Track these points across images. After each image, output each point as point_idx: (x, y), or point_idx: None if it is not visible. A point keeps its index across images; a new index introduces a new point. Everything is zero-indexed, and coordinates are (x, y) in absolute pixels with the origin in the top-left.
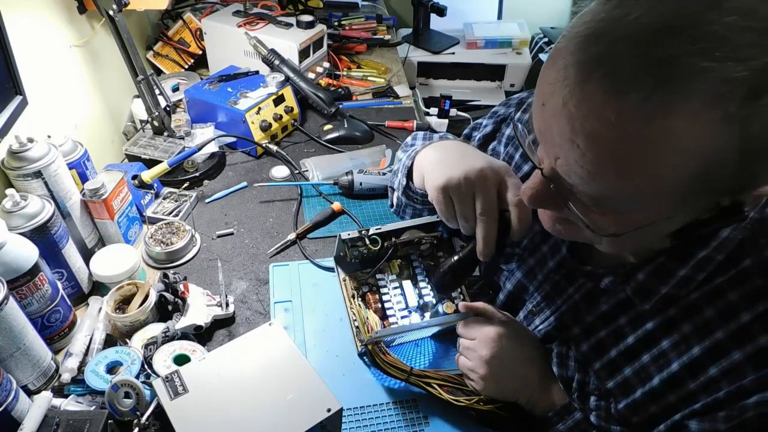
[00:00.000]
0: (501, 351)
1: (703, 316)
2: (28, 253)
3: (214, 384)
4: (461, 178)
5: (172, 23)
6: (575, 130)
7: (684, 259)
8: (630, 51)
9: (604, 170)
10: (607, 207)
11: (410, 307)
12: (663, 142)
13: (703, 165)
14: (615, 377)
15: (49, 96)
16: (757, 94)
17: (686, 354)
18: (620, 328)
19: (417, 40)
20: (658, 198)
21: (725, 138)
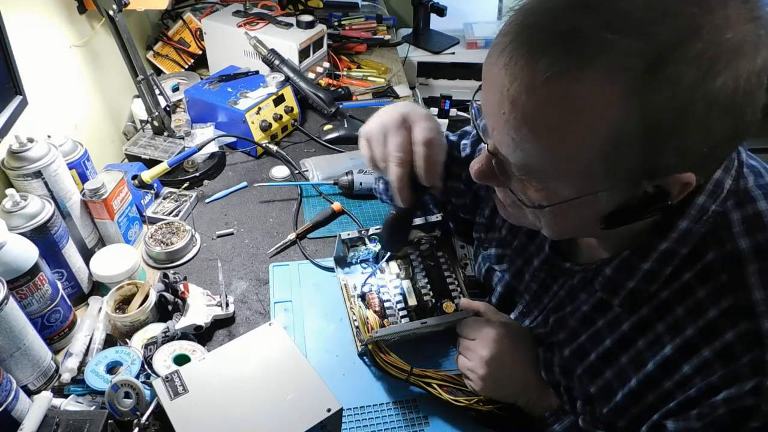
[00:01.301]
0: (500, 352)
1: (675, 314)
2: (28, 253)
3: (214, 384)
4: (379, 123)
5: (172, 23)
6: (502, 97)
7: (646, 252)
8: (547, 21)
9: (524, 137)
10: (533, 178)
11: (410, 306)
12: (571, 110)
13: (609, 136)
14: (596, 382)
15: (49, 96)
16: (656, 68)
17: (660, 353)
18: (599, 331)
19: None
20: (574, 170)
21: (627, 110)
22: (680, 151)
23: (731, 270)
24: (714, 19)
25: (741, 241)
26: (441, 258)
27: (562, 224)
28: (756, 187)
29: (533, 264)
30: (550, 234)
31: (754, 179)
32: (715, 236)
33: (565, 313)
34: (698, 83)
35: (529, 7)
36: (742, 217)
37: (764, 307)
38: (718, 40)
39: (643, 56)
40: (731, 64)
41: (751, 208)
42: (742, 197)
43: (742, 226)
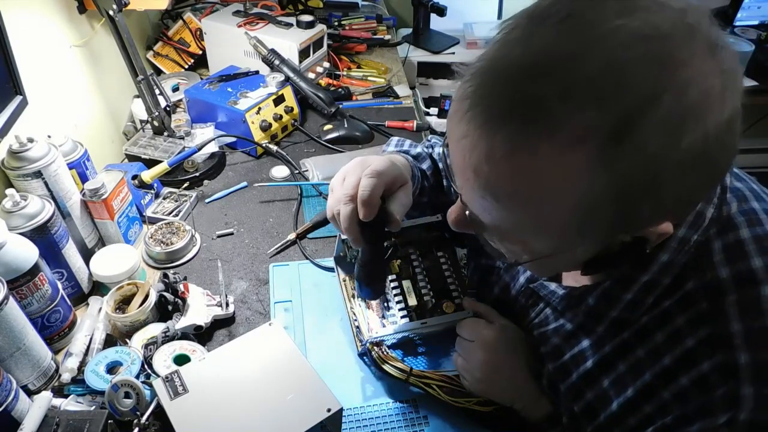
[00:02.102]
0: (496, 356)
1: (654, 340)
2: (28, 253)
3: (214, 384)
4: (341, 171)
5: (172, 23)
6: (465, 163)
7: (627, 284)
8: (503, 90)
9: (489, 203)
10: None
11: (410, 306)
12: (533, 182)
13: (578, 203)
14: (578, 402)
15: (49, 96)
16: (618, 139)
17: (640, 379)
18: (582, 351)
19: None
20: (546, 233)
21: (593, 178)
22: (654, 208)
23: (711, 299)
24: (678, 80)
25: (721, 270)
26: (441, 258)
27: (545, 270)
28: (739, 213)
29: (519, 281)
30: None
31: (737, 205)
32: (695, 265)
33: (548, 330)
34: (665, 147)
35: (484, 72)
36: (723, 245)
37: (740, 340)
38: (682, 101)
39: (604, 126)
40: (698, 124)
41: (733, 236)
42: (725, 225)
43: (722, 254)
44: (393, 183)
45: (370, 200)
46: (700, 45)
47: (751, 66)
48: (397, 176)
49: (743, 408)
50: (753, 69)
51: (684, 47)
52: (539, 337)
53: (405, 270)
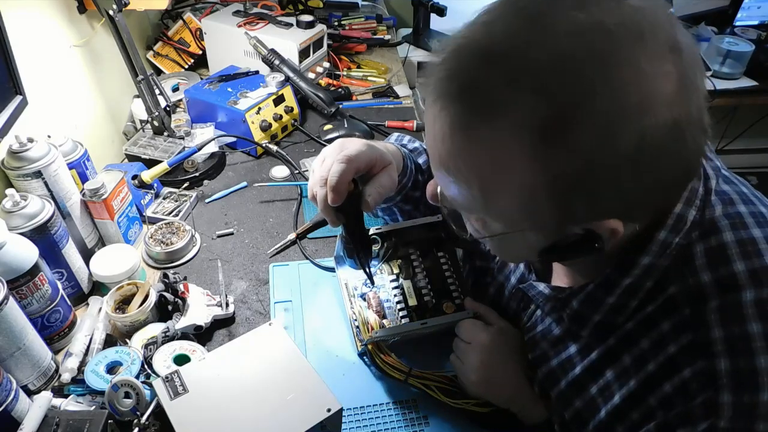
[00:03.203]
0: (492, 359)
1: (640, 347)
2: (28, 253)
3: (214, 384)
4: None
5: (172, 23)
6: (428, 134)
7: (610, 287)
8: (459, 71)
9: (445, 175)
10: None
11: (410, 306)
12: (479, 161)
13: (517, 188)
14: (568, 409)
15: (49, 96)
16: (552, 131)
17: (626, 386)
18: (569, 359)
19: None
20: (495, 211)
21: (530, 167)
22: (591, 205)
23: (693, 305)
24: (616, 78)
25: (703, 275)
26: (441, 258)
27: (506, 253)
28: (723, 216)
29: (511, 281)
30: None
31: (722, 208)
32: (677, 269)
33: (536, 334)
34: (598, 144)
35: (452, 50)
36: (705, 249)
37: (721, 347)
38: (618, 100)
39: (541, 117)
40: (633, 125)
41: (715, 240)
42: (708, 228)
43: (704, 259)
44: (370, 165)
45: (338, 186)
46: (652, 45)
47: (751, 66)
48: (375, 158)
49: (722, 416)
50: (753, 69)
51: (630, 46)
52: (529, 342)
53: (405, 270)
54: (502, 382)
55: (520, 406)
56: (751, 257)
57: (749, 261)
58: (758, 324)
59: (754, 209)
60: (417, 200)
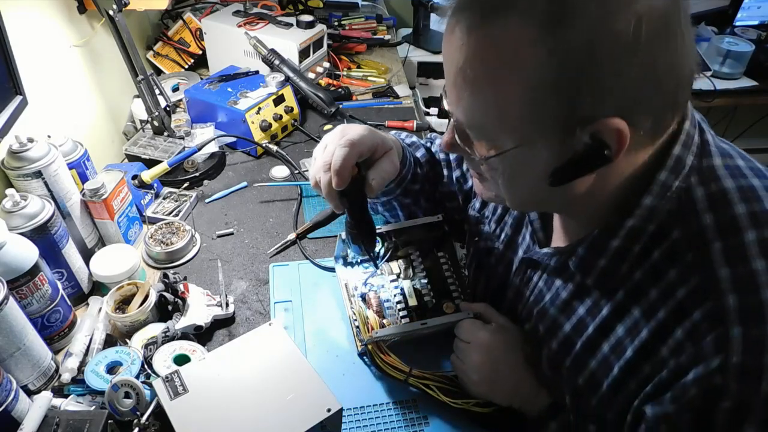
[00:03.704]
0: (493, 357)
1: (649, 298)
2: (28, 253)
3: (214, 384)
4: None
5: (172, 23)
6: (448, 60)
7: (614, 230)
8: None
9: (461, 90)
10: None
11: (410, 307)
12: (491, 58)
13: (527, 82)
14: (583, 372)
15: (49, 96)
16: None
17: (637, 338)
18: (581, 319)
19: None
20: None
21: (538, 53)
22: (595, 92)
23: (696, 248)
24: None
25: (705, 218)
26: (441, 258)
27: (517, 185)
28: (723, 167)
29: (519, 255)
30: (511, 201)
31: (721, 160)
32: (679, 213)
33: (545, 304)
34: (599, 25)
35: None
36: (705, 194)
37: (728, 284)
38: None
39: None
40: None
41: (715, 186)
42: (707, 175)
43: (705, 203)
44: (372, 150)
45: (341, 170)
46: None
47: (751, 66)
48: (377, 143)
49: (733, 351)
50: (753, 69)
51: None
52: (537, 315)
53: (405, 270)
54: (504, 379)
55: (522, 401)
56: (750, 202)
57: (749, 205)
58: (762, 261)
59: (752, 165)
60: (417, 193)
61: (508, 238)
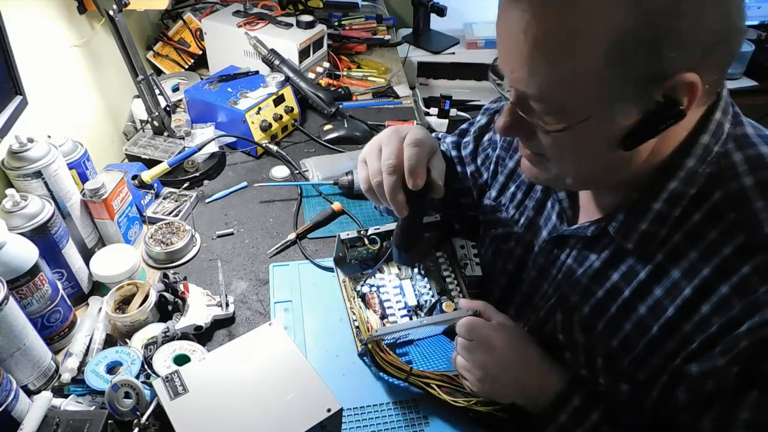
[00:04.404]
0: (498, 354)
1: (689, 258)
2: (28, 253)
3: (214, 384)
4: (374, 141)
5: (172, 23)
6: (515, 34)
7: (656, 193)
8: None
9: (537, 62)
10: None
11: (410, 306)
12: (574, 20)
13: (612, 39)
14: (617, 335)
15: (49, 96)
16: None
17: (679, 297)
18: (615, 285)
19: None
20: (586, 84)
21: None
22: (678, 45)
23: (738, 208)
24: None
25: (746, 180)
26: (440, 258)
27: (583, 159)
28: (757, 135)
29: (542, 236)
30: (575, 178)
31: (753, 130)
32: (719, 176)
33: (576, 277)
34: None
35: None
36: (744, 157)
37: None
38: None
39: None
40: None
41: (753, 150)
42: (743, 142)
43: (745, 165)
44: (434, 150)
45: (418, 169)
46: None
47: (751, 66)
48: (434, 143)
49: None
50: (753, 69)
51: None
52: (568, 287)
53: (405, 270)
54: (507, 376)
55: (525, 399)
56: None
57: None
58: None
59: None
60: None
61: (528, 221)
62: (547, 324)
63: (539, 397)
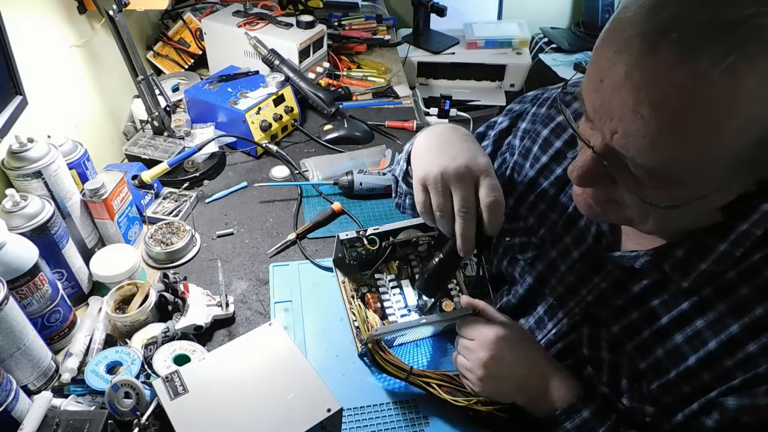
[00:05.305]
0: (499, 353)
1: (739, 294)
2: (28, 253)
3: (214, 384)
4: (439, 173)
5: (172, 23)
6: (639, 100)
7: (724, 232)
8: (699, 15)
9: (666, 138)
10: (661, 179)
11: (410, 306)
12: (731, 106)
13: (763, 130)
14: (647, 358)
15: (49, 96)
16: None
17: (723, 332)
18: (653, 310)
19: (417, 40)
20: (715, 167)
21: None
22: None
23: None
24: None
25: None
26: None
27: (674, 222)
28: None
29: (572, 255)
30: (650, 229)
31: None
32: None
33: (608, 298)
34: None
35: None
36: None
37: None
38: None
39: None
40: None
41: None
42: None
43: None
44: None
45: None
46: None
47: None
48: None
49: None
50: None
51: None
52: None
53: (404, 271)
54: (509, 375)
55: (527, 399)
56: None
57: None
58: None
59: None
60: None
61: (554, 236)
62: (569, 336)
63: (540, 397)
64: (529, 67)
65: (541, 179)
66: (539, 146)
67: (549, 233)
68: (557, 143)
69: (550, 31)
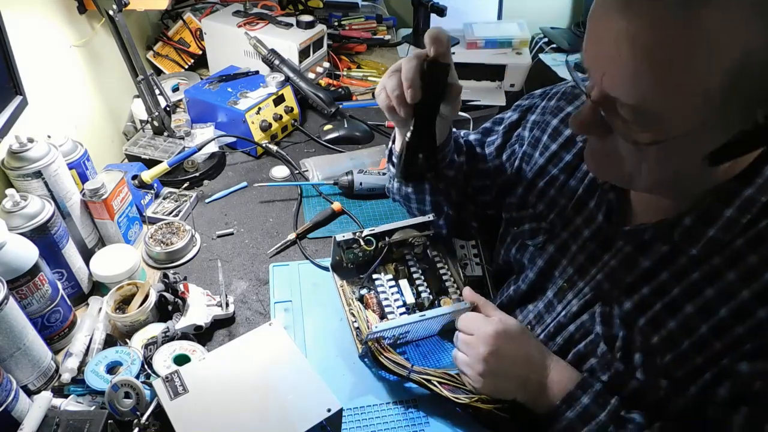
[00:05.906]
0: (499, 349)
1: (748, 262)
2: (28, 253)
3: (214, 384)
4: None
5: (172, 23)
6: (618, 42)
7: (730, 198)
8: None
9: (642, 74)
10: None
11: (408, 304)
12: (698, 37)
13: (735, 62)
14: (660, 331)
15: (49, 96)
16: None
17: (734, 299)
18: (663, 284)
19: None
20: (693, 102)
21: (755, 31)
22: None
23: None
24: None
25: None
26: (435, 257)
27: (664, 168)
28: None
29: (583, 235)
30: (645, 183)
31: None
32: None
33: (619, 276)
34: None
35: None
36: None
37: None
38: None
39: None
40: None
41: None
42: None
43: None
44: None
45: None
46: None
47: None
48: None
49: None
50: None
51: None
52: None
53: (402, 270)
54: (509, 371)
55: (527, 395)
56: None
57: None
58: None
59: None
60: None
61: (564, 219)
62: (580, 316)
63: (540, 393)
64: (529, 67)
65: (550, 167)
66: (549, 135)
67: (559, 218)
68: (567, 132)
69: (550, 31)
